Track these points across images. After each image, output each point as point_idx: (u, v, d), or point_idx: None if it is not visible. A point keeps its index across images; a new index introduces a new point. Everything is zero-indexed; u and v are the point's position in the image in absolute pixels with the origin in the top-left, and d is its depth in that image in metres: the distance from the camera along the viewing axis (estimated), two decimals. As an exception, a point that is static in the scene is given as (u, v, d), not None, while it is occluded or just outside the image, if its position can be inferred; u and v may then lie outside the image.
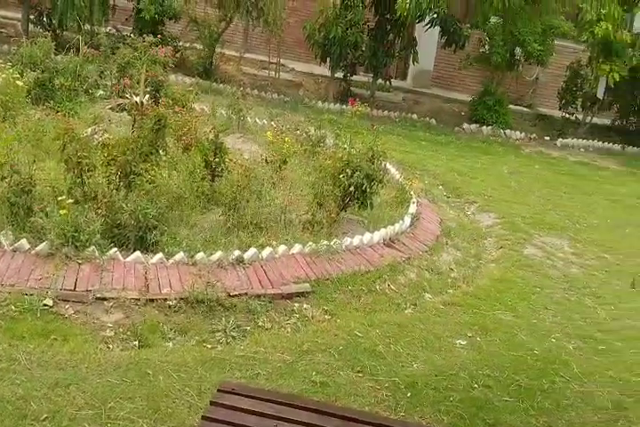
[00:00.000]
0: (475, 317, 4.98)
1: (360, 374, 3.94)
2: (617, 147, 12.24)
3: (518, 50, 11.98)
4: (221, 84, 10.91)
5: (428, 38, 12.46)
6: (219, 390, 2.62)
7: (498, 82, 12.45)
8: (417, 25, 12.10)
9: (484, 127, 11.84)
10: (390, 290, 5.22)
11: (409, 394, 3.82)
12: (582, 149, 11.85)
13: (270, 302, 4.54)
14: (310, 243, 5.32)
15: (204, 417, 2.48)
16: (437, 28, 11.89)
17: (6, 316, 3.89)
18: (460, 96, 13.21)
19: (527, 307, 5.32)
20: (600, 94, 12.27)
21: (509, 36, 11.66)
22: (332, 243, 5.39)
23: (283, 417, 2.53)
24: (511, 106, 12.59)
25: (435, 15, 11.44)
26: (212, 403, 2.56)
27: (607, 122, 13.06)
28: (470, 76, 13.38)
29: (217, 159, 5.76)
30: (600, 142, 12.20)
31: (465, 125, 11.90)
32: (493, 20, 11.95)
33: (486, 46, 12.28)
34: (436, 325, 4.76)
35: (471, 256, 6.35)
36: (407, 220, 6.39)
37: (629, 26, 12.36)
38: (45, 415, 3.13)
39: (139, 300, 4.22)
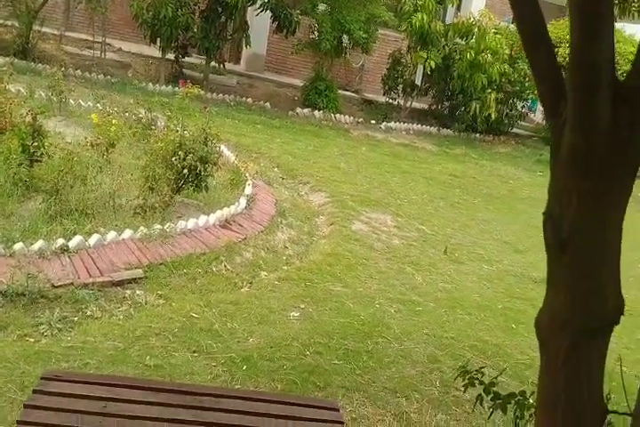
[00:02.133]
0: (307, 289, 5.26)
1: (196, 354, 4.00)
2: (433, 129, 13.30)
3: (345, 37, 12.48)
4: (40, 64, 10.10)
5: (260, 23, 12.55)
6: (42, 378, 2.53)
7: (328, 68, 12.90)
8: (249, 9, 12.15)
9: (316, 111, 12.23)
10: (227, 270, 5.32)
11: (244, 367, 3.97)
12: (404, 132, 12.73)
13: (100, 291, 4.41)
14: (142, 228, 5.22)
15: (25, 405, 2.38)
16: (269, 13, 12.04)
17: None
18: (292, 81, 13.51)
19: (355, 277, 5.72)
20: (418, 81, 13.28)
21: (337, 23, 12.13)
22: (165, 227, 5.34)
23: (114, 398, 2.50)
24: (340, 91, 13.09)
25: (265, 0, 11.59)
26: (34, 391, 2.45)
27: (425, 106, 14.15)
28: (302, 62, 13.71)
29: (35, 143, 5.40)
30: (419, 125, 13.16)
31: (298, 110, 12.22)
32: (322, 7, 12.43)
33: (316, 33, 12.65)
34: (271, 300, 4.96)
35: (304, 234, 6.66)
36: (243, 201, 6.52)
37: (442, 17, 13.56)
38: None
39: (-52, 297, 3.89)
